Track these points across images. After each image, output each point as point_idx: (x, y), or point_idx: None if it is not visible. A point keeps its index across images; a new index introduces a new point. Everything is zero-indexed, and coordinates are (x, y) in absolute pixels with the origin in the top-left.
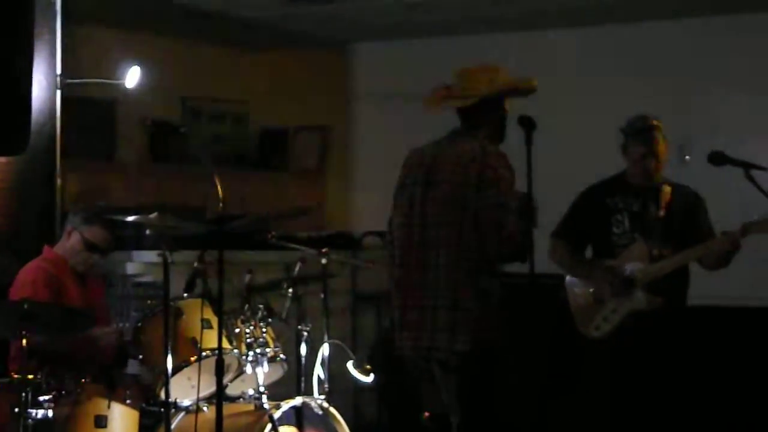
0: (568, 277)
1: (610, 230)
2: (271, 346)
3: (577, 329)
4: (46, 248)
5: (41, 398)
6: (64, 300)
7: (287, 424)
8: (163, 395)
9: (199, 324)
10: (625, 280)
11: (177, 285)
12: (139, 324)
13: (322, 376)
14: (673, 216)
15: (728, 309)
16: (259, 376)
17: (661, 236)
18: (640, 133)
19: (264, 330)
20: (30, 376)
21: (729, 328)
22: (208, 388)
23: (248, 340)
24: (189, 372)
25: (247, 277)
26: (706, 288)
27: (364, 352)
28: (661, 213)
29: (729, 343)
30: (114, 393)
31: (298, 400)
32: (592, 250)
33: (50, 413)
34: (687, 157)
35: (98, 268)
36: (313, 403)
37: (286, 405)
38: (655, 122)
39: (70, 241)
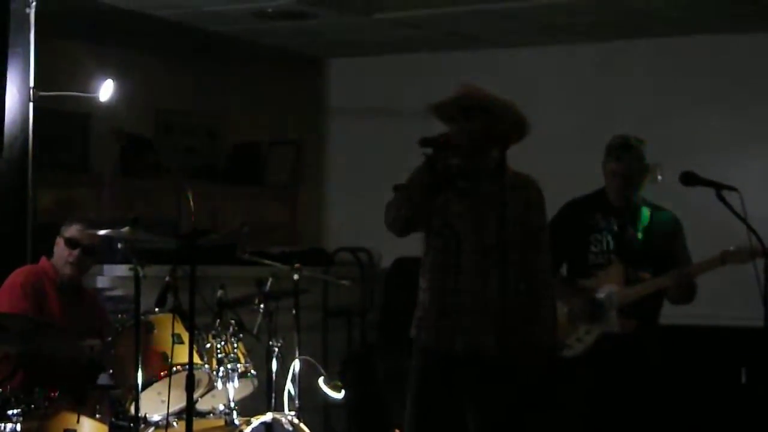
0: None
1: (588, 248)
2: (242, 361)
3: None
4: (42, 258)
5: (10, 412)
6: (43, 311)
7: None
8: (133, 410)
9: (170, 339)
10: (598, 306)
11: (148, 299)
12: (110, 338)
13: (293, 392)
14: (651, 239)
15: (698, 328)
16: (229, 392)
17: (638, 259)
18: (614, 150)
19: (235, 345)
20: None
21: (700, 347)
22: (179, 403)
23: (219, 356)
24: (159, 387)
25: (219, 292)
26: (678, 308)
27: (335, 368)
28: (639, 235)
29: (700, 363)
30: (83, 407)
31: (268, 416)
32: (566, 268)
33: (18, 427)
34: (659, 177)
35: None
36: (283, 419)
37: (256, 421)
38: (634, 142)
39: (57, 250)
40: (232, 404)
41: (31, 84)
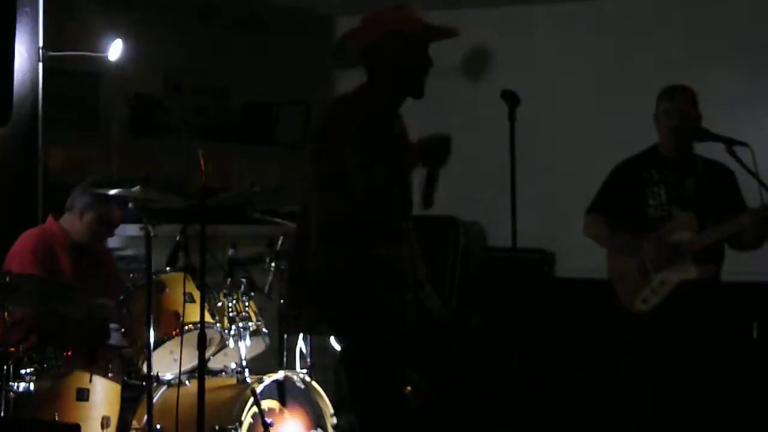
0: (608, 250)
1: (646, 202)
2: (254, 320)
3: (620, 303)
4: (49, 219)
5: (23, 371)
6: (56, 272)
7: (269, 398)
8: (145, 369)
9: (181, 298)
10: (675, 250)
11: (159, 258)
12: (122, 297)
13: (305, 350)
14: (710, 189)
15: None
16: (241, 350)
17: (699, 208)
18: (666, 91)
19: (246, 304)
20: (11, 349)
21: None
22: (191, 361)
23: (231, 314)
24: (171, 346)
25: (230, 251)
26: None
27: None
28: (697, 185)
29: (710, 318)
30: (96, 366)
31: (280, 374)
32: (624, 224)
33: (32, 386)
34: None
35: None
36: (295, 377)
37: (268, 379)
38: (687, 87)
39: (84, 221)
40: (244, 362)
41: (40, 44)
